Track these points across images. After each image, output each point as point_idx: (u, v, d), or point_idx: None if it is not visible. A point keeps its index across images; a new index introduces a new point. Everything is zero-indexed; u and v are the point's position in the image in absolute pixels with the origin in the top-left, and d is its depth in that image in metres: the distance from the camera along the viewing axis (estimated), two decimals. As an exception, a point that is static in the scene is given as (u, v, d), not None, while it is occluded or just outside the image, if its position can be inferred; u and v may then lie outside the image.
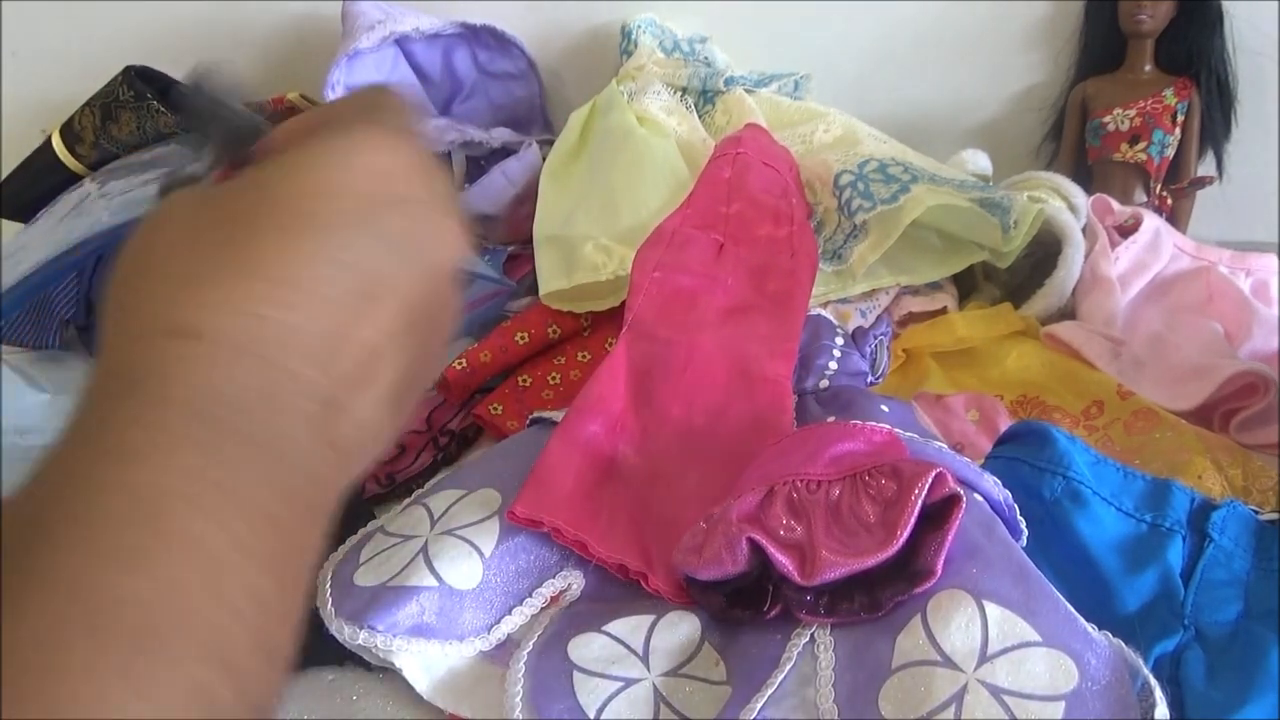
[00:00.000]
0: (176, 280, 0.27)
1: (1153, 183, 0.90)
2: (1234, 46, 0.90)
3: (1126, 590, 0.47)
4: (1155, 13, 0.88)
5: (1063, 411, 0.67)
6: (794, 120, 0.86)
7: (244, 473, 0.25)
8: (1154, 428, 0.63)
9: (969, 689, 0.39)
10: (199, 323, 0.26)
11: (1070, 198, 0.80)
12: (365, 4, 0.92)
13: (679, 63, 0.92)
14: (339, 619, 0.46)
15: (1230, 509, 0.50)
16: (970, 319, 0.73)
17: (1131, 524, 0.50)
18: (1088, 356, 0.70)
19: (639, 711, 0.43)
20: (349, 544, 0.51)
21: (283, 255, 0.27)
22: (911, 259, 0.74)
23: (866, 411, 0.55)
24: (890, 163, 0.74)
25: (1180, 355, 0.70)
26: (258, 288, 0.27)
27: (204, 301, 0.26)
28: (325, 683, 0.48)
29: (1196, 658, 0.45)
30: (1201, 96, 0.90)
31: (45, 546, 0.22)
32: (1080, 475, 0.50)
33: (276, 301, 0.27)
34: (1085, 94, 0.93)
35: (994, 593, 0.41)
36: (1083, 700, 0.38)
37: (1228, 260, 0.80)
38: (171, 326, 0.26)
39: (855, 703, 0.41)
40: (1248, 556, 0.49)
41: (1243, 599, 0.48)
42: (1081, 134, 0.93)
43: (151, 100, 0.83)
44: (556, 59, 1.01)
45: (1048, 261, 0.77)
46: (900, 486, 0.44)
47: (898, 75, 1.00)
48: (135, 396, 0.25)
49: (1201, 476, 0.58)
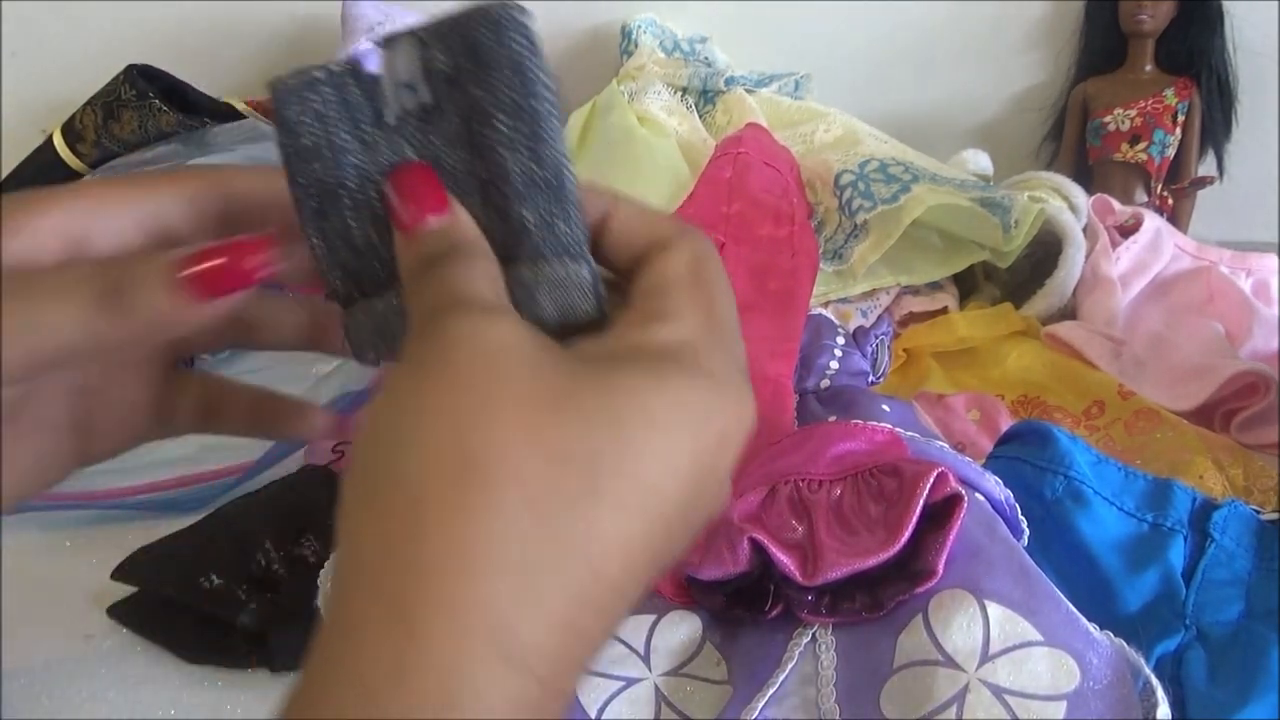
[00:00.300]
0: (503, 569, 0.22)
1: (1153, 183, 0.90)
2: (1234, 46, 0.90)
3: (1128, 590, 0.47)
4: (1156, 12, 0.88)
5: (1064, 411, 0.67)
6: (795, 120, 0.86)
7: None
8: (1155, 428, 0.63)
9: (970, 688, 0.38)
10: (537, 663, 0.22)
11: (1071, 197, 0.80)
12: (365, 4, 0.92)
13: (679, 62, 0.92)
14: (340, 619, 0.46)
15: (1232, 509, 0.50)
16: (971, 319, 0.73)
17: (1133, 524, 0.49)
18: (1089, 356, 0.70)
19: (640, 711, 0.43)
20: (350, 544, 0.51)
21: (614, 580, 0.23)
22: (912, 259, 0.74)
23: (868, 411, 0.55)
24: (891, 162, 0.74)
25: (1181, 355, 0.70)
26: (587, 622, 0.23)
27: (540, 627, 0.22)
28: (326, 682, 0.48)
29: (1198, 657, 0.45)
30: (1202, 96, 0.90)
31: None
32: (1081, 475, 0.50)
33: (597, 641, 0.24)
34: (1086, 94, 0.93)
35: (995, 592, 0.41)
36: (1084, 700, 0.38)
37: (1228, 260, 0.80)
38: (504, 649, 0.22)
39: (857, 702, 0.41)
40: (1249, 556, 0.49)
41: (1244, 599, 0.47)
42: (1082, 134, 0.93)
43: (154, 99, 0.83)
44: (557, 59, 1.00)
45: (1048, 261, 0.77)
46: (902, 486, 0.44)
47: (898, 75, 1.00)
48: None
49: (1203, 476, 0.58)
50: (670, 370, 0.25)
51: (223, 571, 0.50)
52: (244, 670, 0.49)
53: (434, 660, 0.21)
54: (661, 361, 0.25)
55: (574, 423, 0.23)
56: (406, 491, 0.23)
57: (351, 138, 0.28)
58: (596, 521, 0.23)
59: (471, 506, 0.22)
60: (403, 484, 0.23)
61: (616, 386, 0.24)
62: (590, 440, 0.23)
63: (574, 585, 0.23)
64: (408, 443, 0.23)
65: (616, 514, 0.23)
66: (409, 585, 0.22)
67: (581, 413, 0.24)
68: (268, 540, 0.52)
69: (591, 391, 0.24)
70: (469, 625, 0.22)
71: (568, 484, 0.23)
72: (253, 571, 0.51)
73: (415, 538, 0.22)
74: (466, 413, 0.23)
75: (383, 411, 0.24)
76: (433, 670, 0.21)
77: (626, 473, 0.24)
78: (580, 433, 0.23)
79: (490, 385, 0.24)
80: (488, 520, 0.22)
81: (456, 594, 0.22)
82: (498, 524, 0.22)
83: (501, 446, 0.23)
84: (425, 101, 0.28)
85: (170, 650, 0.50)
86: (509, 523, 0.22)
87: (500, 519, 0.22)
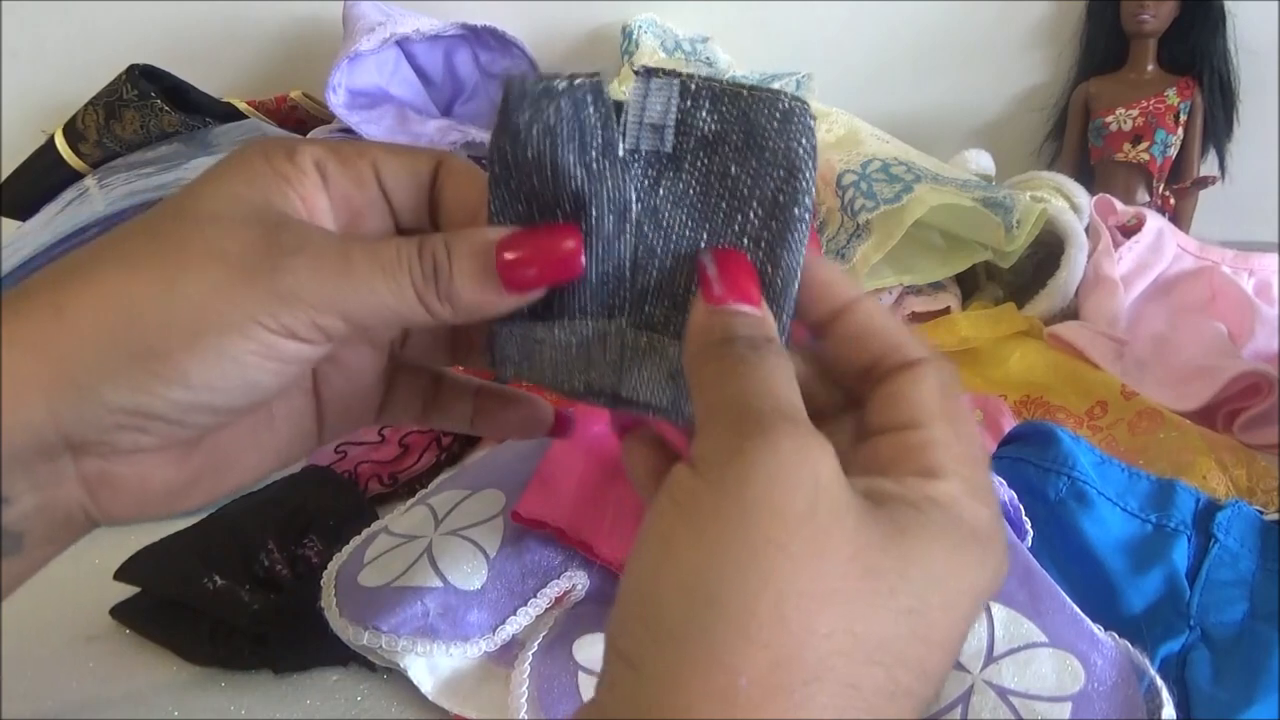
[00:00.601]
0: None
1: (1155, 183, 0.90)
2: (1236, 46, 0.90)
3: (1132, 591, 0.47)
4: (1158, 13, 0.88)
5: (1066, 412, 0.67)
6: (796, 120, 0.86)
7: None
8: (1158, 428, 0.63)
9: (975, 690, 0.38)
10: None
11: (1073, 197, 0.80)
12: (366, 5, 0.92)
13: (680, 63, 0.92)
14: (343, 619, 0.46)
15: (1235, 509, 0.50)
16: (973, 319, 0.73)
17: (1136, 524, 0.49)
18: (1091, 357, 0.70)
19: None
20: (353, 545, 0.51)
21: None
22: (914, 259, 0.74)
23: (871, 412, 0.55)
24: (893, 162, 0.74)
25: (1183, 355, 0.70)
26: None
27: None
28: (330, 683, 0.48)
29: (1202, 658, 0.45)
30: (1204, 96, 0.90)
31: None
32: (1085, 475, 0.50)
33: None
34: (1088, 94, 0.93)
35: (1000, 593, 0.41)
36: (1089, 701, 0.38)
37: (1231, 260, 0.80)
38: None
39: (861, 703, 0.41)
40: (1253, 557, 0.49)
41: (1248, 599, 0.47)
42: (1084, 134, 0.93)
43: (155, 99, 0.83)
44: (558, 60, 1.01)
45: (1050, 261, 0.77)
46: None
47: (900, 75, 1.00)
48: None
49: (1206, 477, 0.58)
50: (953, 533, 0.25)
51: (226, 572, 0.50)
52: (247, 671, 0.49)
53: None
54: (945, 526, 0.25)
55: (885, 594, 0.23)
56: (711, 653, 0.21)
57: (577, 162, 0.27)
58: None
59: (789, 705, 0.21)
60: (705, 639, 0.22)
61: (912, 550, 0.24)
62: (901, 614, 0.23)
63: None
64: (715, 578, 0.22)
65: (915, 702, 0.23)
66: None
67: (892, 577, 0.23)
68: (271, 541, 0.52)
69: (896, 554, 0.23)
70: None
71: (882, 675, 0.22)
72: (256, 572, 0.51)
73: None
74: (792, 564, 0.22)
75: (688, 512, 0.23)
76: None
77: (930, 654, 0.23)
78: (891, 604, 0.23)
79: (816, 533, 0.22)
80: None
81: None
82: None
83: (826, 624, 0.22)
84: (664, 150, 0.27)
85: (173, 651, 0.50)
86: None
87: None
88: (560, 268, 0.28)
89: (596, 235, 0.28)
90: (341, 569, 0.49)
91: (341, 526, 0.53)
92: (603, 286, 0.29)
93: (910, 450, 0.26)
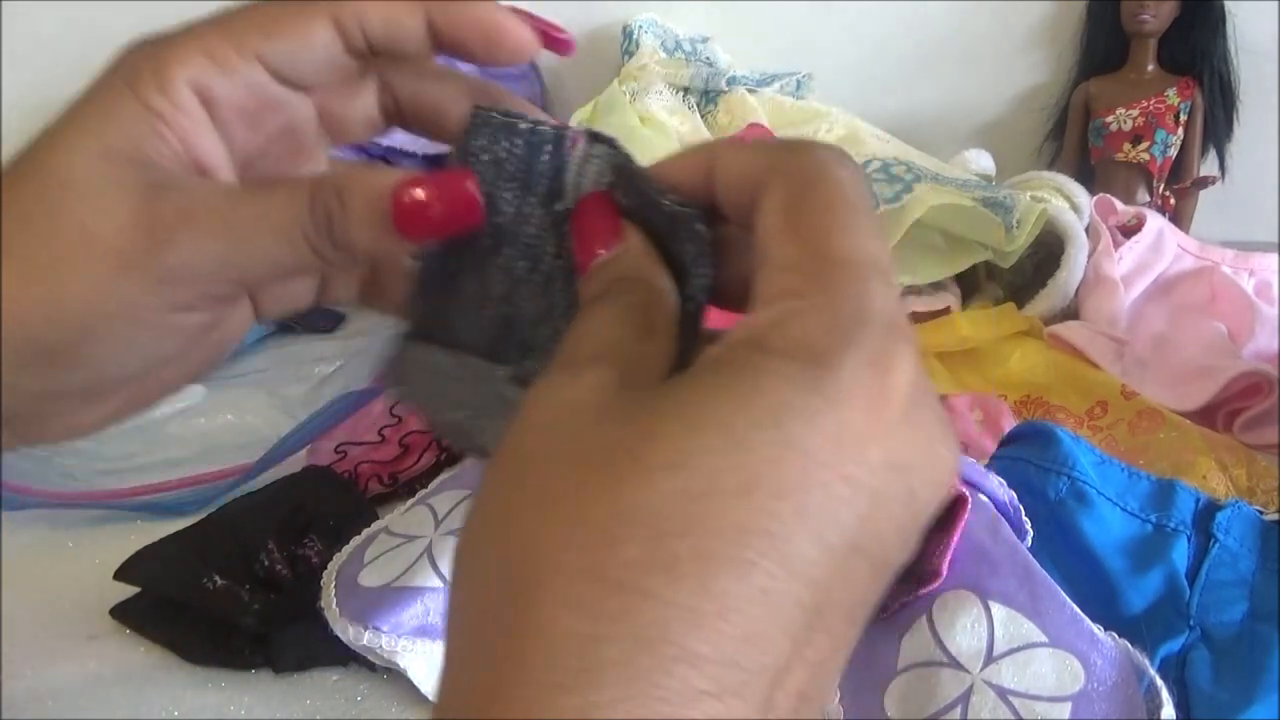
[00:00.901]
0: (566, 644, 0.18)
1: (1155, 183, 0.90)
2: (1236, 46, 0.90)
3: (1132, 591, 0.47)
4: (1158, 13, 0.88)
5: (1066, 412, 0.67)
6: (796, 120, 0.86)
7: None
8: (1158, 428, 0.63)
9: (975, 690, 0.38)
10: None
11: (1073, 197, 0.80)
12: None
13: (681, 63, 0.92)
14: (343, 619, 0.46)
15: (1235, 509, 0.50)
16: (974, 319, 0.73)
17: (1136, 524, 0.49)
18: (1091, 357, 0.70)
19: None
20: (353, 544, 0.51)
21: (725, 619, 0.18)
22: (914, 259, 0.74)
23: (870, 412, 0.55)
24: (893, 162, 0.74)
25: (1184, 355, 0.70)
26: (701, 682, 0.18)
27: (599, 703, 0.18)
28: (330, 683, 0.48)
29: (1202, 658, 0.45)
30: (1204, 96, 0.90)
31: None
32: (1085, 475, 0.50)
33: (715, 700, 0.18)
34: (1088, 94, 0.93)
35: (1000, 593, 0.41)
36: (1089, 701, 0.38)
37: (1231, 260, 0.80)
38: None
39: (861, 703, 0.41)
40: (1253, 557, 0.49)
41: (1248, 599, 0.47)
42: (1084, 134, 0.93)
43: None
44: (558, 59, 1.01)
45: (1051, 261, 0.77)
46: (906, 487, 0.44)
47: (900, 75, 1.00)
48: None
49: (1206, 477, 0.58)
50: (747, 375, 0.20)
51: (226, 572, 0.50)
52: (247, 671, 0.49)
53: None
54: (739, 370, 0.20)
55: (629, 486, 0.19)
56: (467, 608, 0.20)
57: (513, 200, 0.27)
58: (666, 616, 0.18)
59: (522, 632, 0.18)
60: (464, 596, 0.20)
61: (666, 421, 0.19)
62: (650, 497, 0.19)
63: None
64: (473, 543, 0.21)
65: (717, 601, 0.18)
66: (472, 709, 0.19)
67: (640, 469, 0.19)
68: (270, 540, 0.52)
69: (643, 433, 0.19)
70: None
71: (621, 576, 0.18)
72: (256, 572, 0.51)
73: (477, 662, 0.19)
74: (508, 511, 0.20)
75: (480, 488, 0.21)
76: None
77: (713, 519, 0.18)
78: (651, 484, 0.19)
79: (548, 464, 0.20)
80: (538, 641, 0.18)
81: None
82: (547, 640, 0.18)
83: (542, 555, 0.19)
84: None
85: (173, 651, 0.50)
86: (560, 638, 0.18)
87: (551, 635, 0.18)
88: (460, 211, 0.26)
89: (507, 274, 0.28)
90: (341, 569, 0.49)
91: (341, 526, 0.53)
92: (498, 328, 0.29)
93: (751, 295, 0.22)
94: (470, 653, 0.20)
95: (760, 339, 0.20)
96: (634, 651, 0.18)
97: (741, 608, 0.18)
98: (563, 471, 0.20)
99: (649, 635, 0.18)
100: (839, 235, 0.21)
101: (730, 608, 0.18)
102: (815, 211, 0.22)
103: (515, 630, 0.19)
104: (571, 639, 0.18)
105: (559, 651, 0.18)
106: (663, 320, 0.24)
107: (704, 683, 0.18)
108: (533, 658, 0.18)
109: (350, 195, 0.26)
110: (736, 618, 0.18)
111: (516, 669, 0.18)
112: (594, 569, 0.18)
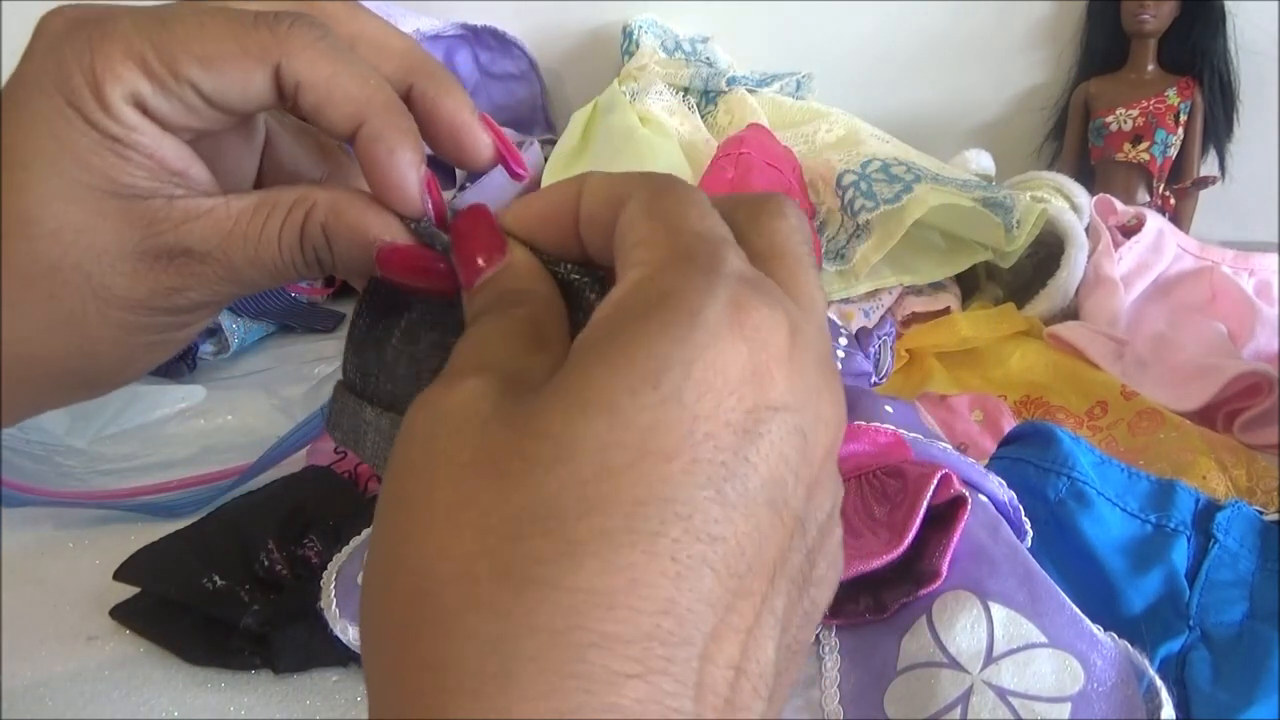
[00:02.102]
0: (469, 643, 0.18)
1: (1155, 183, 0.90)
2: (1236, 46, 0.90)
3: (1132, 591, 0.47)
4: (1158, 12, 0.88)
5: (1066, 412, 0.67)
6: (796, 120, 0.86)
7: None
8: (1158, 428, 0.63)
9: (975, 690, 0.38)
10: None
11: (1073, 197, 0.80)
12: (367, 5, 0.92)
13: (681, 63, 0.92)
14: (343, 620, 0.46)
15: (1235, 509, 0.50)
16: (974, 319, 0.73)
17: (1136, 524, 0.49)
18: (1091, 357, 0.70)
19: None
20: (353, 544, 0.51)
21: (616, 594, 0.18)
22: (914, 259, 0.74)
23: (870, 412, 0.55)
24: (893, 162, 0.74)
25: (1184, 355, 0.70)
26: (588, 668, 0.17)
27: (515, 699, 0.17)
28: (330, 683, 0.48)
29: (1202, 659, 0.45)
30: (1204, 96, 0.90)
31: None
32: (1085, 476, 0.50)
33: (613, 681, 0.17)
34: (1088, 94, 0.93)
35: (999, 594, 0.41)
36: (1089, 701, 0.38)
37: (1231, 260, 0.80)
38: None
39: (861, 704, 0.41)
40: (1253, 557, 0.49)
41: (1248, 600, 0.47)
42: (1084, 134, 0.93)
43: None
44: (558, 59, 1.01)
45: (1051, 261, 0.77)
46: (906, 488, 0.44)
47: (900, 75, 1.00)
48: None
49: (1206, 477, 0.58)
50: (609, 338, 0.20)
51: (225, 572, 0.50)
52: (247, 672, 0.49)
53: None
54: (600, 336, 0.20)
55: (509, 487, 0.19)
56: (381, 627, 0.20)
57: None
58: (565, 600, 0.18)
59: (430, 635, 0.18)
60: (375, 614, 0.20)
61: (549, 405, 0.19)
62: (526, 493, 0.19)
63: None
64: (374, 560, 0.20)
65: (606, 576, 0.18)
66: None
67: (524, 452, 0.19)
68: (270, 541, 0.52)
69: (526, 423, 0.19)
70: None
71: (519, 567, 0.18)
72: (255, 572, 0.51)
73: (388, 670, 0.19)
74: (402, 517, 0.20)
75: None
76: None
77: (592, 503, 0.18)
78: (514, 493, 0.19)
79: (422, 477, 0.20)
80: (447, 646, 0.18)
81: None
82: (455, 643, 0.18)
83: (443, 564, 0.19)
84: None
85: (173, 652, 0.50)
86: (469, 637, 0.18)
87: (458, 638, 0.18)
88: (436, 282, 0.27)
89: (439, 348, 0.28)
90: (341, 569, 0.49)
91: (341, 526, 0.53)
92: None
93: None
94: (388, 671, 0.19)
95: (622, 305, 0.20)
96: (548, 645, 0.17)
97: (651, 579, 0.18)
98: (452, 479, 0.19)
99: (559, 625, 0.17)
100: (696, 219, 0.22)
101: (639, 581, 0.18)
102: (672, 203, 0.22)
103: (428, 642, 0.18)
104: (484, 642, 0.18)
105: (472, 656, 0.18)
106: (555, 332, 0.24)
107: (624, 665, 0.17)
108: (448, 667, 0.18)
109: (337, 241, 0.27)
110: (647, 591, 0.18)
111: (435, 679, 0.18)
112: (498, 569, 0.18)
